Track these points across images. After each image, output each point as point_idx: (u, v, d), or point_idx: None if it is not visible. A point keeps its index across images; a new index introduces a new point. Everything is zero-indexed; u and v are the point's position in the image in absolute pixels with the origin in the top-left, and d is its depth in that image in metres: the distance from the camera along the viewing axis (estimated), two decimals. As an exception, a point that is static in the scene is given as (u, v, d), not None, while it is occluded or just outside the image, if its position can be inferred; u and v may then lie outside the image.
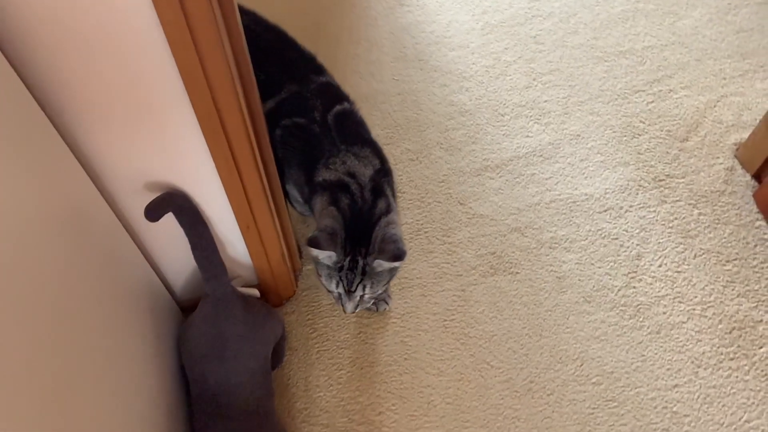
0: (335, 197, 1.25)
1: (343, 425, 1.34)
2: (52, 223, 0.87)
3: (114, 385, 0.97)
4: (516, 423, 1.34)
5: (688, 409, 1.34)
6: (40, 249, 0.82)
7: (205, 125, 0.99)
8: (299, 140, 1.33)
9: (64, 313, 0.85)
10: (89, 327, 0.92)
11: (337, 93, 1.38)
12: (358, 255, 1.21)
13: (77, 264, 0.92)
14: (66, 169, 0.96)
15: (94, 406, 0.89)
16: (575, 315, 1.47)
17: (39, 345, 0.77)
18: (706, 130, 1.77)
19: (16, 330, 0.71)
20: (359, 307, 1.28)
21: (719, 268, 1.53)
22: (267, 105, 1.32)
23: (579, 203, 1.64)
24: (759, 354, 1.40)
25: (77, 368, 0.86)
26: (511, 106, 1.84)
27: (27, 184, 0.82)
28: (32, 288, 0.78)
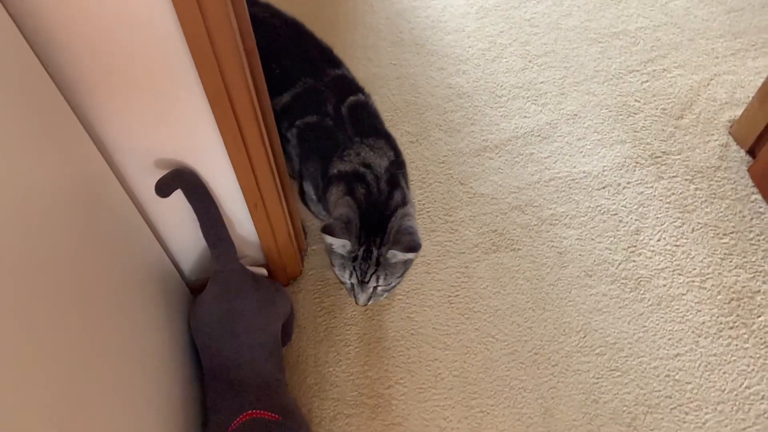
0: (351, 187, 1.24)
1: (354, 398, 1.36)
2: (68, 200, 0.88)
3: (129, 363, 0.98)
4: (522, 393, 1.36)
5: (690, 376, 1.37)
6: (56, 226, 0.83)
7: (213, 101, 1.01)
8: (314, 136, 1.32)
9: (79, 289, 0.86)
10: (104, 304, 0.94)
11: (352, 85, 1.37)
12: (373, 245, 1.19)
13: (92, 241, 0.94)
14: (80, 146, 0.97)
15: (110, 383, 0.90)
16: (577, 288, 1.50)
17: (56, 320, 0.78)
18: (700, 107, 1.80)
19: (34, 305, 0.72)
20: (372, 299, 1.27)
21: (717, 241, 1.56)
22: (283, 98, 1.32)
23: (578, 181, 1.67)
24: (757, 323, 1.43)
25: (93, 344, 0.87)
26: (508, 88, 1.86)
27: (44, 161, 0.83)
28: (50, 264, 0.79)
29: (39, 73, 0.87)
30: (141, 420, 0.98)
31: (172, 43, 0.92)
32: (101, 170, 1.03)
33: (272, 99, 1.30)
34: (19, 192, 0.75)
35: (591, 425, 1.32)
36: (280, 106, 1.33)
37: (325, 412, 1.34)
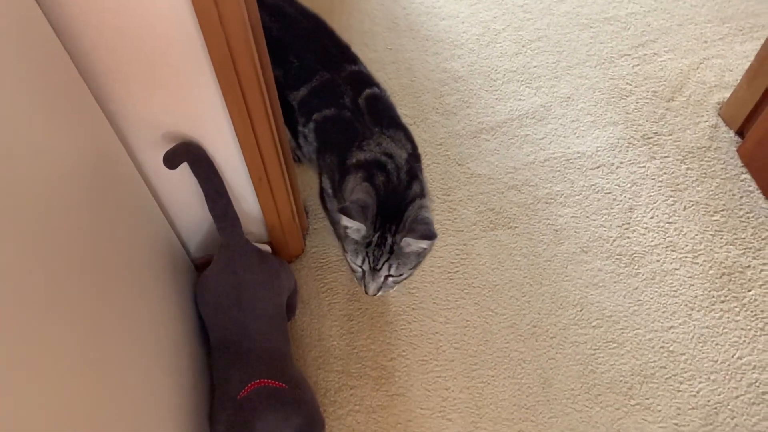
0: (370, 174, 1.22)
1: (357, 371, 1.38)
2: (84, 172, 0.89)
3: (141, 333, 0.99)
4: (522, 364, 1.39)
5: (684, 348, 1.41)
6: (72, 197, 0.84)
7: (220, 72, 1.02)
8: (332, 128, 1.31)
9: (92, 258, 0.86)
10: (116, 274, 0.94)
11: (368, 79, 1.37)
12: (388, 232, 1.18)
13: (104, 213, 0.94)
14: (93, 121, 0.98)
15: (125, 351, 0.91)
16: (573, 264, 1.53)
17: (73, 289, 0.78)
18: (690, 90, 1.84)
19: (47, 278, 0.72)
20: (382, 289, 1.25)
21: (708, 218, 1.60)
22: (300, 92, 1.33)
23: (572, 161, 1.71)
24: (748, 296, 1.48)
25: (108, 313, 0.88)
26: (502, 72, 1.90)
27: (61, 134, 0.85)
28: (67, 231, 0.80)
29: (56, 47, 0.88)
30: (155, 389, 0.99)
31: (180, 16, 0.93)
32: (113, 145, 1.05)
33: (290, 93, 1.33)
34: (40, 162, 0.76)
35: (589, 394, 1.35)
36: (297, 100, 1.33)
37: (330, 384, 1.36)
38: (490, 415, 1.33)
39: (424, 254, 1.22)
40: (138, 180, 1.14)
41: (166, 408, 1.03)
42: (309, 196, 1.63)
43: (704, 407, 1.34)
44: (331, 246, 1.57)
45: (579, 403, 1.34)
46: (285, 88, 1.33)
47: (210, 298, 1.25)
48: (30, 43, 0.80)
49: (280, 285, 1.30)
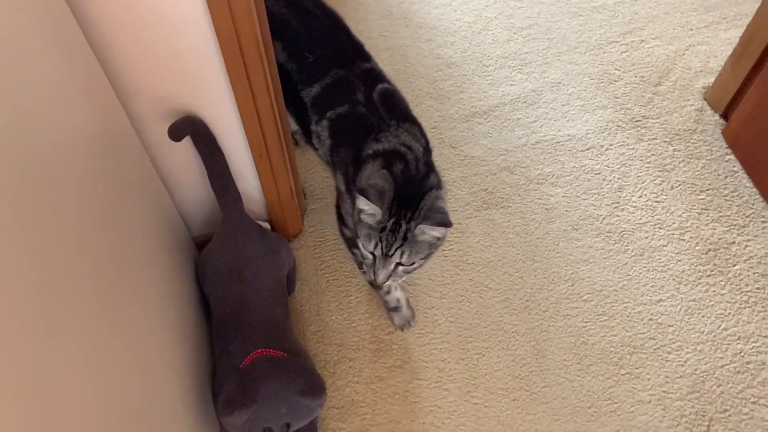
0: (388, 162, 1.21)
1: (356, 344, 1.42)
2: (92, 142, 0.92)
3: (147, 305, 1.01)
4: (515, 337, 1.43)
5: (672, 320, 1.46)
6: (83, 167, 0.86)
7: (225, 48, 1.06)
8: (347, 124, 1.31)
9: (102, 226, 0.88)
10: (124, 246, 0.96)
11: (380, 76, 1.37)
12: (402, 219, 1.16)
13: (112, 185, 0.97)
14: (102, 94, 1.01)
15: (132, 318, 0.94)
16: (564, 241, 1.57)
17: (78, 261, 0.81)
18: (677, 75, 1.89)
19: (59, 245, 0.73)
20: (391, 278, 1.22)
21: (694, 197, 1.65)
22: (313, 89, 1.33)
23: (563, 143, 1.75)
24: (733, 271, 1.53)
25: (116, 281, 0.90)
26: (494, 58, 1.94)
27: (74, 106, 0.88)
28: (79, 200, 0.82)
29: (69, 20, 0.91)
30: (163, 356, 1.03)
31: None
32: (120, 118, 1.08)
33: (303, 89, 1.34)
34: (54, 133, 0.79)
35: (580, 364, 1.40)
36: (310, 97, 1.34)
37: (329, 356, 1.40)
38: (485, 385, 1.37)
39: (436, 246, 1.21)
40: (143, 154, 1.17)
41: (173, 373, 1.06)
42: (306, 179, 1.66)
43: (691, 376, 1.38)
44: (329, 226, 1.60)
45: (571, 373, 1.39)
46: (298, 83, 1.34)
47: (212, 271, 1.28)
48: (45, 16, 0.83)
49: (280, 260, 1.34)
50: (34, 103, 0.74)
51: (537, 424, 1.33)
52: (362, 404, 1.35)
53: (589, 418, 1.33)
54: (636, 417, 1.33)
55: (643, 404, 1.35)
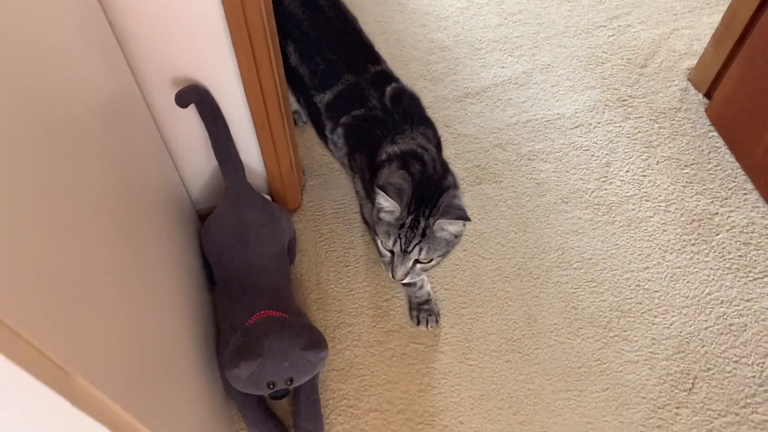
0: (406, 163, 1.23)
1: (354, 310, 1.47)
2: (104, 105, 0.97)
3: (155, 269, 1.05)
4: (508, 302, 1.49)
5: (658, 286, 1.52)
6: (95, 130, 0.90)
7: (230, 17, 1.11)
8: (362, 128, 1.33)
9: (112, 189, 0.92)
10: (133, 211, 1.01)
11: (389, 76, 1.39)
12: (421, 216, 1.17)
13: (122, 149, 1.01)
14: (114, 61, 1.06)
15: (142, 275, 0.99)
16: (554, 214, 1.63)
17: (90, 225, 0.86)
18: (662, 58, 1.96)
19: (70, 212, 0.74)
20: (409, 275, 1.23)
21: (679, 171, 1.71)
22: (326, 95, 1.35)
23: (552, 122, 1.81)
24: (716, 240, 1.59)
25: (128, 246, 0.94)
26: (486, 42, 2.00)
27: (92, 72, 0.93)
28: (92, 163, 0.86)
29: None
30: (173, 312, 1.08)
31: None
32: (129, 84, 1.13)
33: (316, 95, 1.36)
34: (76, 93, 0.84)
35: (571, 328, 1.46)
36: (323, 104, 1.36)
37: (328, 322, 1.45)
38: (479, 348, 1.43)
39: (453, 244, 1.22)
40: (151, 122, 1.22)
41: (182, 328, 1.11)
42: (305, 156, 1.72)
43: (677, 337, 1.44)
44: (327, 201, 1.66)
45: (562, 336, 1.44)
46: (311, 89, 1.37)
47: (216, 238, 1.34)
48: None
49: (281, 228, 1.39)
50: (58, 66, 0.79)
51: (529, 383, 1.38)
52: (361, 366, 1.40)
53: (579, 378, 1.39)
54: (624, 376, 1.39)
55: (631, 364, 1.41)
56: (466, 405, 1.36)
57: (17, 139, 0.60)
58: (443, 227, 1.17)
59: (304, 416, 1.28)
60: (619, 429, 1.33)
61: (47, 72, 0.76)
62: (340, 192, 1.67)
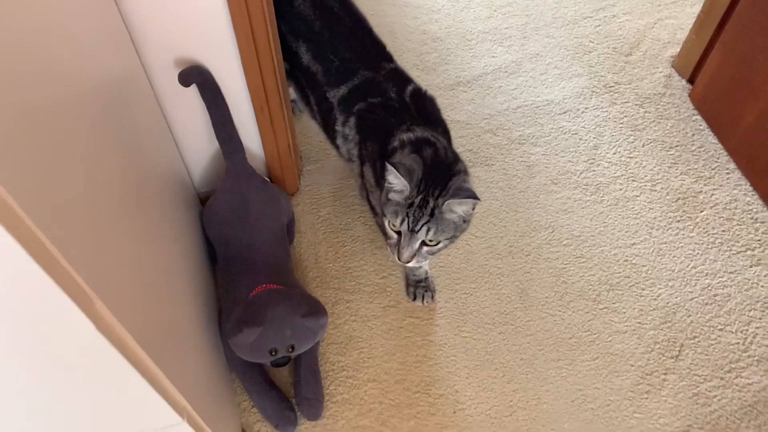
0: (419, 149, 1.25)
1: (352, 287, 1.52)
2: (116, 85, 1.02)
3: (162, 245, 1.09)
4: (500, 278, 1.54)
5: (645, 260, 1.57)
6: (103, 108, 0.95)
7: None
8: (377, 114, 1.34)
9: (123, 164, 0.97)
10: (141, 186, 1.04)
11: (406, 76, 1.42)
12: (430, 196, 1.18)
13: (130, 129, 1.04)
14: (121, 40, 1.11)
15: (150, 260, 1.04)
16: (544, 194, 1.69)
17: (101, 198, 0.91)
18: (647, 46, 2.02)
19: (80, 188, 0.77)
20: (415, 258, 1.23)
21: (664, 153, 1.77)
22: (340, 90, 1.38)
23: (541, 107, 1.87)
24: (700, 216, 1.65)
25: (141, 220, 0.99)
26: (476, 33, 2.06)
27: (102, 52, 0.98)
28: (102, 140, 0.90)
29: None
30: (179, 287, 1.12)
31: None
32: (135, 65, 1.18)
33: (329, 91, 1.40)
34: (86, 72, 0.89)
35: (561, 301, 1.51)
36: (337, 98, 1.39)
37: (327, 299, 1.50)
38: (473, 321, 1.48)
39: (461, 229, 1.23)
40: (155, 104, 1.27)
41: (187, 297, 1.16)
42: (302, 143, 1.77)
43: (664, 308, 1.50)
44: (325, 185, 1.71)
45: (553, 309, 1.50)
46: (324, 85, 1.40)
47: (218, 216, 1.39)
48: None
49: (281, 207, 1.44)
50: (71, 47, 0.84)
51: (522, 353, 1.43)
52: (359, 339, 1.45)
53: (570, 348, 1.44)
54: (613, 345, 1.44)
55: (620, 334, 1.46)
56: (461, 375, 1.41)
57: (40, 116, 0.64)
58: (452, 208, 1.18)
59: (305, 385, 1.33)
60: (609, 395, 1.38)
61: (61, 53, 0.80)
62: (337, 176, 1.72)
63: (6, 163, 0.50)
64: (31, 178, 0.55)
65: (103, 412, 0.77)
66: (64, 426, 0.78)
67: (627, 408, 1.36)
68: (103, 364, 0.66)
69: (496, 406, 1.36)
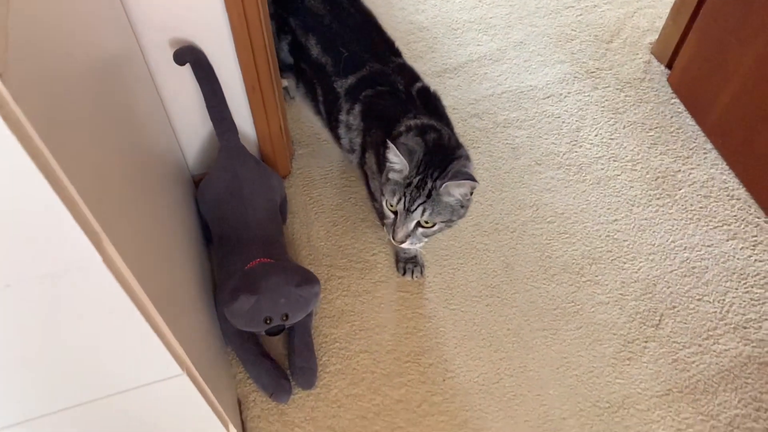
0: (422, 131, 1.27)
1: (344, 264, 1.57)
2: (114, 62, 1.05)
3: (161, 219, 1.14)
4: (487, 253, 1.59)
5: (626, 235, 1.63)
6: (102, 85, 1.00)
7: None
8: (384, 101, 1.37)
9: (125, 141, 1.01)
10: (142, 164, 1.08)
11: (415, 73, 1.44)
12: (429, 177, 1.20)
13: (129, 108, 1.07)
14: (118, 19, 1.16)
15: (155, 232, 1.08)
16: (529, 174, 1.75)
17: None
18: (627, 34, 2.09)
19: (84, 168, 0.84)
20: (410, 239, 1.26)
21: (644, 134, 1.83)
22: (348, 80, 1.41)
23: (525, 92, 1.93)
24: (679, 194, 1.70)
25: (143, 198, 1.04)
26: (461, 23, 2.12)
27: (100, 31, 1.02)
28: (103, 110, 0.93)
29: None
30: (178, 258, 1.16)
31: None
32: (132, 44, 1.23)
33: (337, 80, 1.43)
34: (89, 50, 0.93)
35: (546, 274, 1.56)
36: (345, 88, 1.42)
37: (320, 275, 1.55)
38: (461, 294, 1.53)
39: (458, 214, 1.25)
40: (151, 84, 1.32)
41: (184, 271, 1.20)
42: (293, 128, 1.82)
43: (644, 280, 1.55)
44: (316, 168, 1.76)
45: (537, 282, 1.55)
46: (332, 75, 1.43)
47: (212, 194, 1.43)
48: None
49: (273, 186, 1.49)
50: (77, 24, 0.88)
51: (508, 324, 1.49)
52: (351, 313, 1.50)
53: (554, 318, 1.49)
54: (596, 316, 1.50)
55: (603, 305, 1.51)
56: (449, 345, 1.45)
57: (56, 88, 0.69)
58: (450, 191, 1.19)
59: (299, 355, 1.37)
60: (593, 362, 1.43)
61: (71, 29, 0.84)
62: (327, 160, 1.77)
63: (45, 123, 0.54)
64: (57, 134, 0.60)
65: (104, 359, 0.81)
66: (67, 376, 0.82)
67: (610, 374, 1.41)
68: (107, 303, 0.70)
69: (484, 374, 1.41)
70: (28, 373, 0.77)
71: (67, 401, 0.86)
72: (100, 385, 0.86)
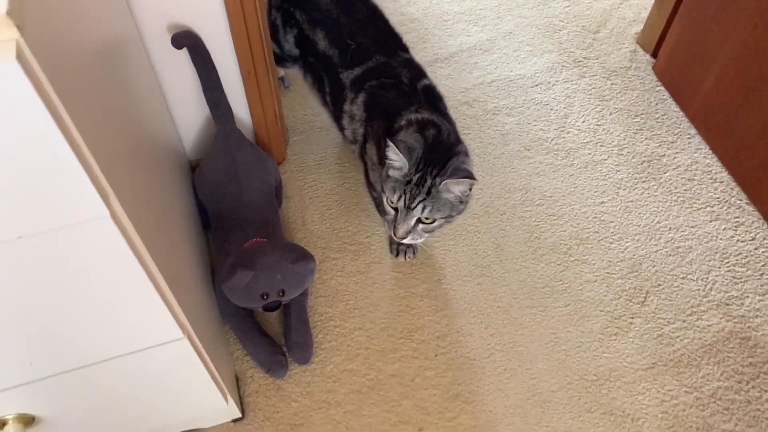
0: (422, 127, 1.29)
1: (338, 246, 1.61)
2: (114, 45, 1.09)
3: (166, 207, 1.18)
4: (477, 235, 1.64)
5: (613, 217, 1.68)
6: (107, 69, 1.03)
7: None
8: (387, 93, 1.38)
9: (127, 123, 1.05)
10: (144, 145, 1.12)
11: (421, 70, 1.47)
12: (428, 175, 1.22)
13: (130, 87, 1.11)
14: (118, 5, 1.19)
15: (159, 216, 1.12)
16: (518, 159, 1.79)
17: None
18: (613, 24, 2.14)
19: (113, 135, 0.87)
20: (411, 235, 1.28)
21: (630, 120, 1.88)
22: (354, 71, 1.43)
23: (515, 81, 1.98)
24: (664, 177, 1.75)
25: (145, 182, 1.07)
26: (452, 14, 2.17)
27: (103, 15, 1.06)
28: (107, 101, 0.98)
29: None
30: (185, 251, 1.20)
31: None
32: (131, 28, 1.26)
33: (343, 72, 1.46)
34: (92, 33, 0.96)
35: (535, 254, 1.61)
36: (350, 78, 1.44)
37: (315, 257, 1.58)
38: (452, 274, 1.57)
39: (458, 210, 1.27)
40: (150, 69, 1.36)
41: (185, 249, 1.23)
42: (287, 116, 1.86)
43: (630, 260, 1.60)
44: (310, 154, 1.80)
45: (527, 261, 1.59)
46: (339, 66, 1.45)
47: (209, 178, 1.46)
48: None
49: (268, 169, 1.53)
50: (84, 3, 0.92)
51: (498, 302, 1.53)
52: (346, 293, 1.54)
53: (543, 296, 1.54)
54: (584, 293, 1.54)
55: (590, 283, 1.56)
56: (441, 322, 1.50)
57: (69, 63, 0.72)
58: (449, 188, 1.21)
59: (295, 332, 1.41)
60: (580, 338, 1.47)
61: (78, 12, 0.88)
62: (321, 146, 1.81)
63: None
64: (70, 95, 0.64)
65: (109, 318, 0.85)
66: (73, 336, 0.85)
67: (597, 349, 1.46)
68: (113, 260, 0.74)
69: (475, 350, 1.45)
70: (36, 330, 0.80)
71: (72, 362, 0.90)
72: (104, 347, 0.90)
